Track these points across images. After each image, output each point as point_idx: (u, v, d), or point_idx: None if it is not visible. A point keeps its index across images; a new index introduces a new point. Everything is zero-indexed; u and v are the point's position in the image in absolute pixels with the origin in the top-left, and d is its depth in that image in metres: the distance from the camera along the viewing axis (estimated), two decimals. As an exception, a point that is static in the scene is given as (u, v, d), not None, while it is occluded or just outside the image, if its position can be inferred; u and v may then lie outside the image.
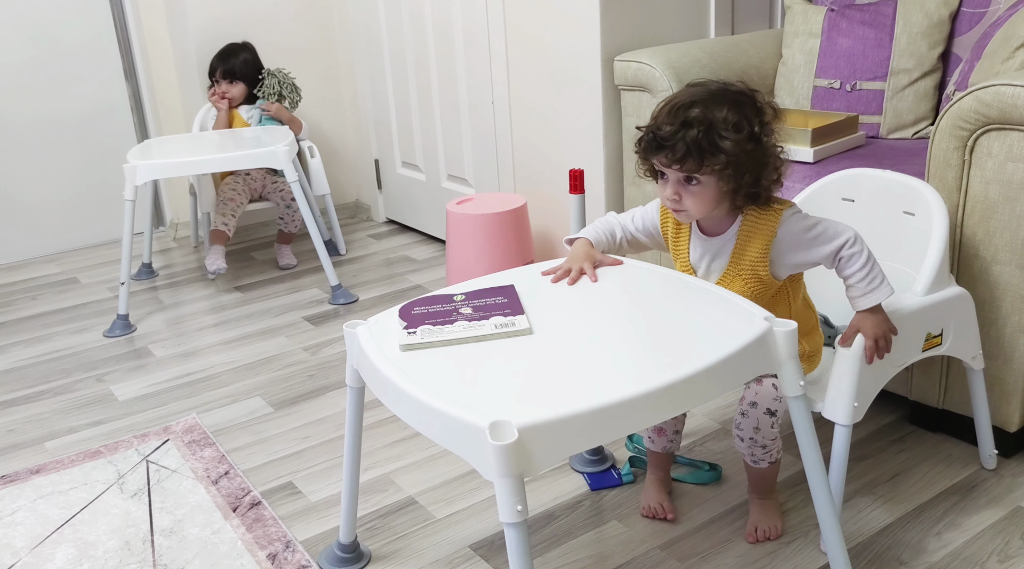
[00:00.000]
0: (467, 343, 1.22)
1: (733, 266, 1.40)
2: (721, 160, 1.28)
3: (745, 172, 1.30)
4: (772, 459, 1.49)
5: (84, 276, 3.10)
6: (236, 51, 3.04)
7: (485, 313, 1.28)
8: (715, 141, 1.28)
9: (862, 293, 1.36)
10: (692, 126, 1.28)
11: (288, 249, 3.10)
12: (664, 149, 1.31)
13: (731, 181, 1.31)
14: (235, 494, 1.72)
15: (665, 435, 1.59)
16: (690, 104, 1.31)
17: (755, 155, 1.30)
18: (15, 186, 3.25)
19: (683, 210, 1.36)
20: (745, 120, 1.30)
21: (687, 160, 1.29)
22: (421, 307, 1.32)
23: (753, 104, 1.33)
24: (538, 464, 1.01)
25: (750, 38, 2.41)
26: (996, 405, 1.65)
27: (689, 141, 1.28)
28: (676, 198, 1.35)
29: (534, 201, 2.67)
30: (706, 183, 1.32)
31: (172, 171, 2.64)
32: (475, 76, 2.78)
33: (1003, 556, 1.44)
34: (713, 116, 1.29)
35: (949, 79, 2.12)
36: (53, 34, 3.20)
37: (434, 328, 1.25)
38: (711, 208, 1.35)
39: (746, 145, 1.29)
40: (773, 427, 1.45)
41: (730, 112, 1.29)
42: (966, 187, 1.58)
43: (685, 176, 1.33)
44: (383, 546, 1.56)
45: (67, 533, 1.63)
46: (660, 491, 1.61)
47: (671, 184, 1.35)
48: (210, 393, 2.17)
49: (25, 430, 2.04)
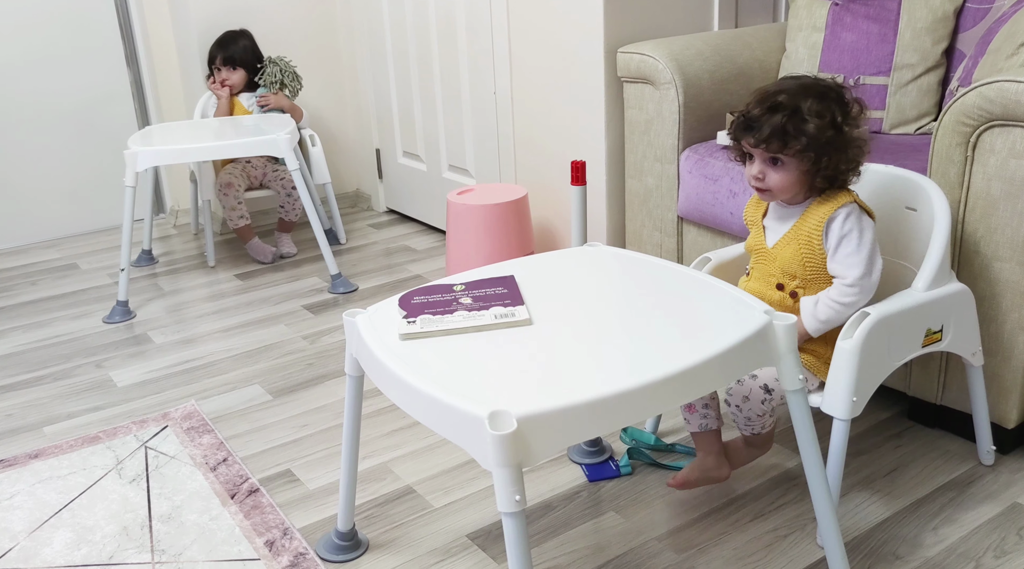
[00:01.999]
0: (467, 333, 1.22)
1: (793, 231, 1.47)
2: (802, 142, 1.38)
3: (824, 156, 1.39)
4: (754, 431, 1.54)
5: (84, 262, 3.10)
6: (235, 38, 3.03)
7: (485, 303, 1.28)
8: (798, 125, 1.38)
9: (810, 314, 1.46)
10: (778, 110, 1.39)
11: (288, 237, 3.09)
12: (752, 130, 1.42)
13: (811, 163, 1.40)
14: (233, 481, 1.72)
15: (697, 412, 1.54)
16: (778, 91, 1.42)
17: (835, 142, 1.39)
18: (16, 171, 3.25)
19: (767, 189, 1.46)
20: (829, 110, 1.39)
21: (772, 141, 1.40)
22: (421, 296, 1.32)
23: (840, 98, 1.42)
24: (537, 454, 1.01)
25: (753, 31, 2.40)
26: (994, 401, 1.65)
27: (775, 124, 1.39)
28: (760, 177, 1.45)
29: (535, 192, 2.67)
30: (788, 164, 1.42)
31: (173, 158, 2.64)
32: (477, 66, 2.78)
33: (999, 551, 1.45)
34: (798, 103, 1.39)
35: (953, 75, 2.11)
36: (55, 20, 3.19)
37: (434, 318, 1.25)
38: (793, 188, 1.44)
39: (827, 131, 1.38)
40: (764, 404, 1.47)
41: (815, 102, 1.39)
42: (968, 183, 1.58)
43: (770, 157, 1.43)
44: (380, 534, 1.56)
45: (65, 518, 1.63)
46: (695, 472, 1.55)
47: (757, 163, 1.45)
48: (209, 380, 2.17)
49: (24, 415, 2.05)
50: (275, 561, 1.48)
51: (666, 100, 2.18)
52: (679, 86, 2.14)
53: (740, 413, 1.51)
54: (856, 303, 1.43)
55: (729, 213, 2.02)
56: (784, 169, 1.43)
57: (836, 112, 1.40)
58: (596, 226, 2.46)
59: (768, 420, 1.52)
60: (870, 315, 1.39)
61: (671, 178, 2.21)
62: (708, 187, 2.07)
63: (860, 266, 1.41)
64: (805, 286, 1.49)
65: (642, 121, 2.27)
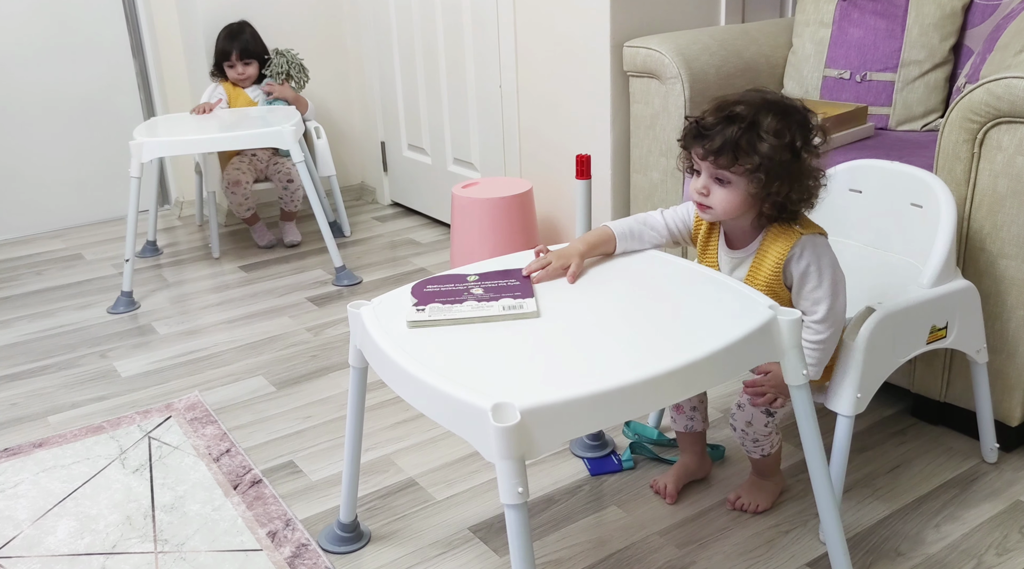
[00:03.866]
0: (473, 323, 1.22)
1: (750, 279, 1.38)
2: (754, 161, 1.26)
3: (776, 180, 1.28)
4: (764, 453, 1.51)
5: (89, 252, 3.10)
6: (242, 30, 3.02)
7: (495, 295, 1.28)
8: (753, 141, 1.26)
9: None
10: (734, 121, 1.27)
11: (291, 225, 3.10)
12: (703, 139, 1.30)
13: (760, 186, 1.28)
14: (236, 472, 1.72)
15: (684, 413, 1.59)
16: (738, 102, 1.30)
17: (790, 167, 1.28)
18: (21, 161, 3.25)
19: (710, 207, 1.34)
20: (788, 131, 1.28)
21: (722, 154, 1.28)
22: (433, 285, 1.33)
23: (803, 122, 1.30)
24: (540, 447, 1.01)
25: (760, 26, 2.40)
26: (998, 399, 1.65)
27: (728, 135, 1.27)
28: (704, 193, 1.33)
29: (540, 186, 2.67)
30: (735, 183, 1.30)
31: (178, 149, 2.64)
32: (483, 60, 2.77)
33: (1001, 549, 1.44)
34: (757, 117, 1.27)
35: (960, 71, 2.11)
36: (61, 10, 3.19)
37: (443, 307, 1.25)
38: (736, 211, 1.33)
39: (783, 153, 1.27)
40: (767, 426, 1.47)
41: (776, 119, 1.27)
42: (974, 180, 1.57)
43: (716, 175, 1.31)
44: (383, 526, 1.57)
45: (69, 506, 1.64)
46: (677, 474, 1.61)
47: (703, 178, 1.33)
48: (213, 371, 2.18)
49: (28, 404, 2.05)
50: (277, 552, 1.49)
51: (672, 94, 2.17)
52: (685, 81, 2.14)
53: (747, 436, 1.50)
54: (833, 335, 1.35)
55: (734, 208, 2.02)
56: (730, 189, 1.31)
57: (796, 135, 1.28)
58: (601, 220, 2.46)
59: (775, 439, 1.51)
60: (875, 311, 1.39)
61: (676, 173, 2.21)
62: (713, 182, 2.06)
63: (826, 300, 1.33)
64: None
65: (648, 115, 2.26)
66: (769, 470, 1.56)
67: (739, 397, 1.48)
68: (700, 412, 1.60)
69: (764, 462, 1.54)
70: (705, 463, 1.65)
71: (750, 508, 1.55)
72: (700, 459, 1.64)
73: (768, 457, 1.52)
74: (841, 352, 1.39)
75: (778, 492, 1.58)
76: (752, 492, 1.56)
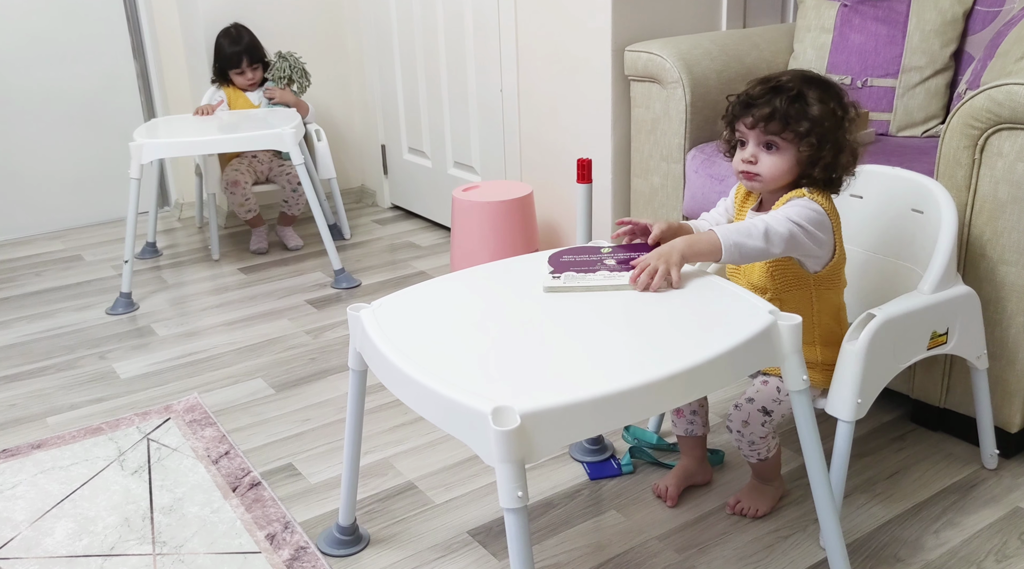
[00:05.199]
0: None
1: None
2: (804, 126, 1.32)
3: (826, 144, 1.33)
4: (761, 457, 1.51)
5: (88, 254, 3.10)
6: (242, 33, 3.01)
7: (628, 267, 1.34)
8: (803, 107, 1.33)
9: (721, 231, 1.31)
10: (782, 91, 1.34)
11: (290, 230, 3.10)
12: (752, 107, 1.35)
13: (811, 149, 1.33)
14: (235, 474, 1.72)
15: (684, 417, 1.59)
16: (782, 75, 1.37)
17: (836, 134, 1.34)
18: (21, 162, 3.25)
19: (757, 174, 1.38)
20: (832, 100, 1.35)
21: (772, 120, 1.33)
22: (570, 256, 1.41)
23: (840, 98, 1.37)
24: (540, 450, 1.01)
25: (761, 31, 2.40)
26: (998, 405, 1.65)
27: (777, 103, 1.33)
28: (752, 161, 1.37)
29: (540, 190, 2.67)
30: (784, 149, 1.35)
31: (178, 151, 2.64)
32: (484, 64, 2.78)
33: (1001, 556, 1.44)
34: (802, 88, 1.34)
35: (961, 78, 2.11)
36: (61, 10, 3.19)
37: (577, 275, 1.34)
38: (784, 178, 1.37)
39: (831, 119, 1.33)
40: (764, 426, 1.46)
41: (819, 91, 1.35)
42: (975, 186, 1.57)
43: (766, 140, 1.36)
44: (381, 529, 1.56)
45: (67, 508, 1.63)
46: (678, 476, 1.61)
47: (750, 147, 1.38)
48: (212, 373, 2.17)
49: (27, 405, 2.05)
50: (276, 554, 1.48)
51: (673, 99, 2.17)
52: (686, 85, 2.14)
53: (743, 438, 1.49)
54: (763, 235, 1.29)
55: (734, 213, 2.02)
56: (779, 154, 1.35)
57: (838, 106, 1.35)
58: (601, 225, 2.46)
59: (772, 443, 1.51)
60: (876, 317, 1.39)
61: (677, 177, 2.21)
62: (714, 187, 2.07)
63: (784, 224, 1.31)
64: (781, 299, 1.42)
65: (649, 120, 2.27)
66: (769, 474, 1.55)
67: (739, 398, 1.48)
68: (700, 416, 1.60)
69: (763, 466, 1.53)
70: (705, 468, 1.65)
71: (749, 513, 1.55)
72: (700, 463, 1.64)
73: (766, 461, 1.52)
74: (841, 357, 1.39)
75: (778, 497, 1.58)
76: (752, 497, 1.56)
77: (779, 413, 1.46)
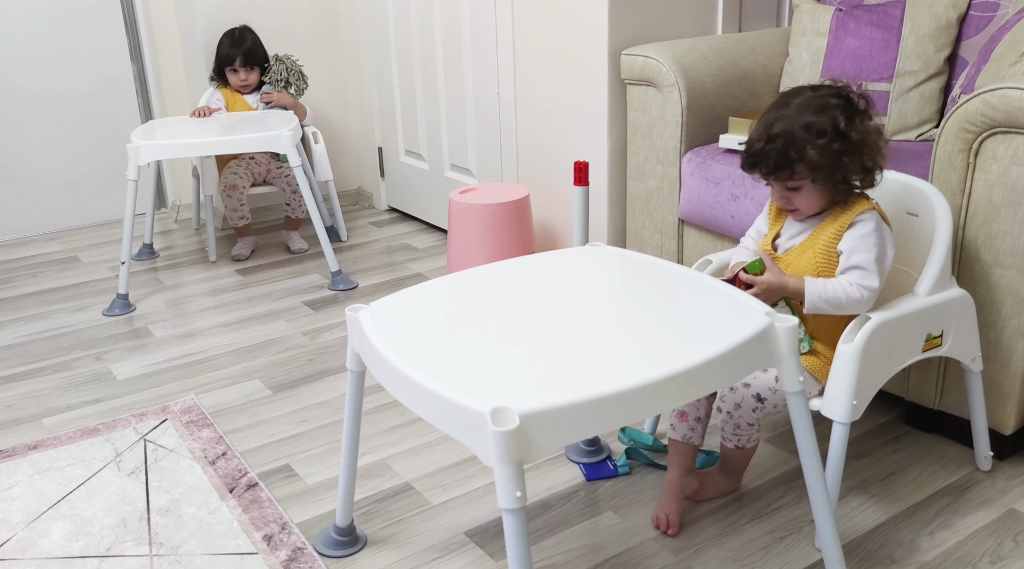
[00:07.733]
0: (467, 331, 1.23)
1: (810, 240, 1.47)
2: (810, 165, 1.37)
3: (836, 171, 1.38)
4: (739, 444, 1.53)
5: (85, 255, 3.10)
6: (245, 36, 3.01)
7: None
8: (800, 150, 1.37)
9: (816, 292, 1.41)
10: (776, 141, 1.39)
11: (296, 234, 3.10)
12: (757, 165, 1.42)
13: (827, 179, 1.39)
14: (232, 475, 1.72)
15: (687, 422, 1.55)
16: (775, 119, 1.40)
17: (843, 153, 1.37)
18: (18, 163, 3.25)
19: (796, 209, 1.46)
20: (829, 122, 1.37)
21: (779, 170, 1.40)
22: None
23: (842, 102, 1.39)
24: (538, 451, 1.02)
25: (757, 36, 2.41)
26: (992, 408, 1.66)
27: (775, 155, 1.39)
28: (785, 201, 1.45)
29: (537, 193, 2.67)
30: (806, 187, 1.42)
31: (175, 152, 2.64)
32: (481, 66, 2.78)
33: (995, 557, 1.45)
34: (794, 128, 1.37)
35: (955, 82, 2.12)
36: (59, 12, 3.19)
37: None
38: (821, 202, 1.44)
39: (831, 146, 1.37)
40: (755, 412, 1.48)
41: (815, 117, 1.37)
42: (970, 190, 1.59)
43: (786, 186, 1.43)
44: (379, 530, 1.57)
45: (63, 509, 1.63)
46: (673, 498, 1.55)
47: (776, 191, 1.46)
48: (209, 374, 2.17)
49: (23, 406, 2.05)
50: (273, 555, 1.48)
51: (669, 103, 2.18)
52: (682, 89, 2.15)
53: (730, 419, 1.51)
54: (860, 302, 1.40)
55: (730, 216, 2.03)
56: (804, 192, 1.42)
57: (839, 119, 1.37)
58: (597, 227, 2.47)
59: (755, 434, 1.52)
60: (871, 319, 1.40)
61: (673, 180, 2.22)
62: (709, 190, 2.08)
63: (876, 277, 1.40)
64: None
65: (645, 123, 2.27)
66: (736, 466, 1.58)
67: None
68: (702, 424, 1.57)
69: (736, 455, 1.55)
70: (690, 481, 1.59)
71: (687, 490, 1.57)
72: (685, 475, 1.58)
73: (742, 450, 1.54)
74: (837, 359, 1.40)
75: (725, 493, 1.61)
76: (702, 477, 1.59)
77: (771, 402, 1.47)
